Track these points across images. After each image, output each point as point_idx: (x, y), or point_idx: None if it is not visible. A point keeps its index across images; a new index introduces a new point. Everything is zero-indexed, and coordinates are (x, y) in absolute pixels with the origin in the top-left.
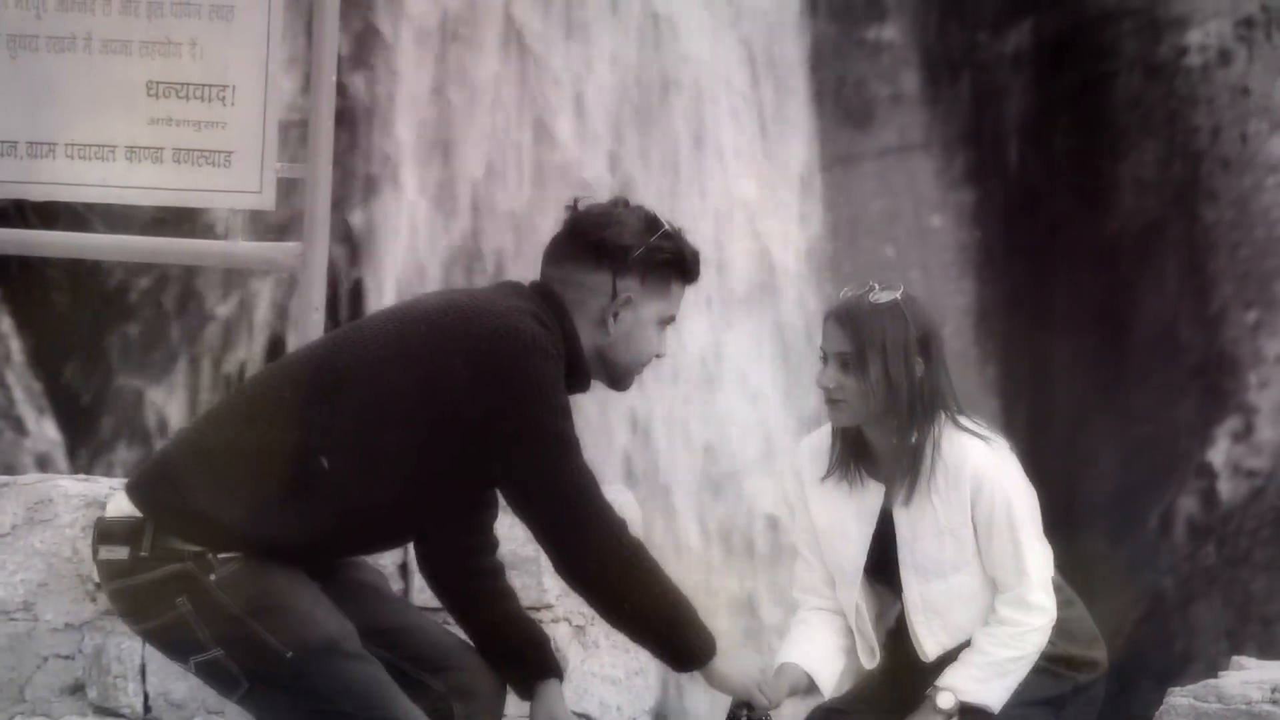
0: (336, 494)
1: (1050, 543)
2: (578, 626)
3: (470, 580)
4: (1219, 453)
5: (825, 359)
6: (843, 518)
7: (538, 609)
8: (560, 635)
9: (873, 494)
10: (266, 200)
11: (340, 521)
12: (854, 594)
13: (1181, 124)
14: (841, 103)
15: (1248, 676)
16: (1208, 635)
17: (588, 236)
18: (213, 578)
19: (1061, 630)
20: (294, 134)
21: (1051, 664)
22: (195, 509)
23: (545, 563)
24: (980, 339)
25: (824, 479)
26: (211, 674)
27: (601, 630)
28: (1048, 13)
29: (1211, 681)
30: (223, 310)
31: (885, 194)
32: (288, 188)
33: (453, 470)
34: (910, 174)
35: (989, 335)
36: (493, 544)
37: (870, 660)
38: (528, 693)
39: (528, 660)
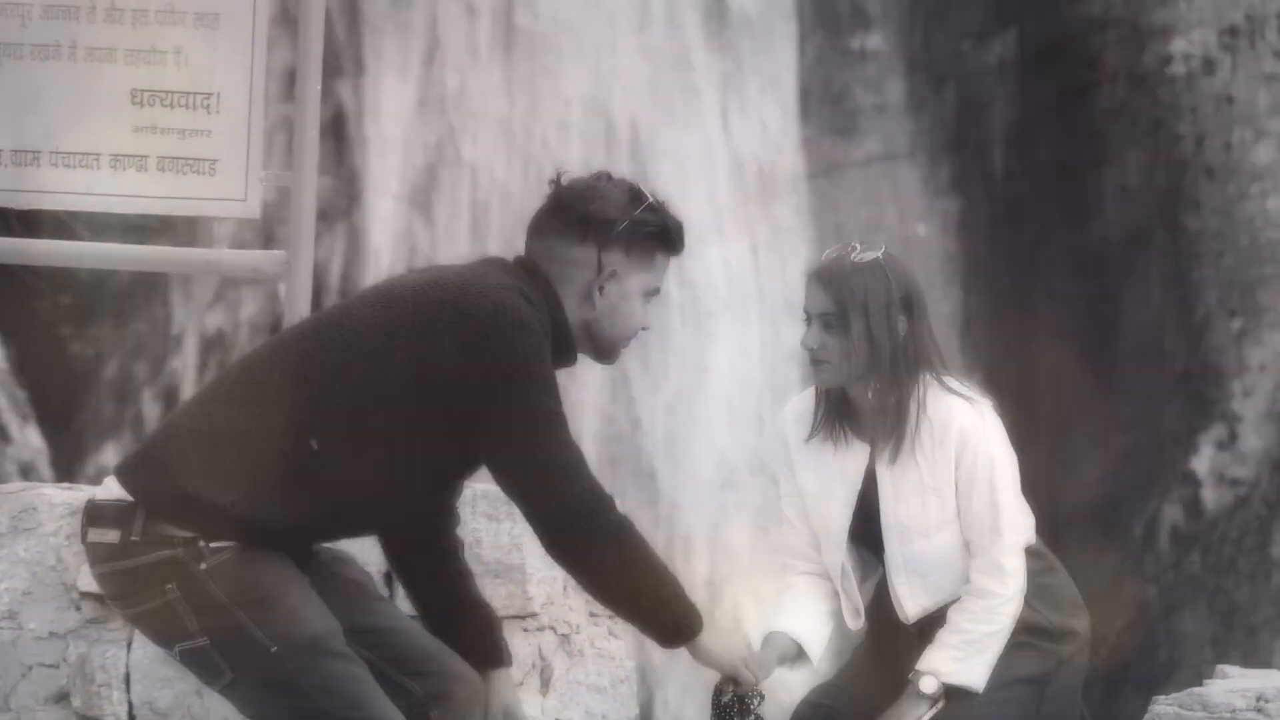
0: (326, 475)
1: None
2: (563, 635)
3: (431, 557)
4: (1203, 461)
5: (809, 320)
6: (828, 478)
7: (522, 617)
8: (545, 643)
9: (858, 454)
10: (251, 208)
11: (330, 502)
12: (839, 555)
13: (1166, 133)
14: (827, 111)
15: (1232, 685)
16: (1192, 643)
17: (572, 210)
18: (203, 566)
19: (1044, 596)
20: (279, 142)
21: (1033, 637)
22: (186, 493)
23: (530, 570)
24: (965, 347)
25: (809, 440)
26: (196, 662)
27: (587, 638)
28: (1032, 22)
29: (1196, 690)
30: (208, 317)
31: (870, 202)
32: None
33: (441, 448)
34: (895, 182)
35: (974, 343)
36: (455, 521)
37: (855, 621)
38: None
39: (482, 645)
